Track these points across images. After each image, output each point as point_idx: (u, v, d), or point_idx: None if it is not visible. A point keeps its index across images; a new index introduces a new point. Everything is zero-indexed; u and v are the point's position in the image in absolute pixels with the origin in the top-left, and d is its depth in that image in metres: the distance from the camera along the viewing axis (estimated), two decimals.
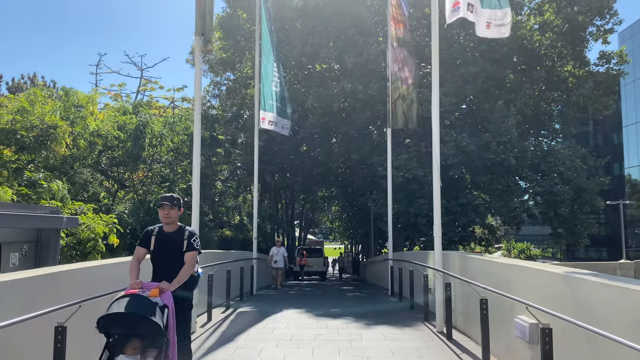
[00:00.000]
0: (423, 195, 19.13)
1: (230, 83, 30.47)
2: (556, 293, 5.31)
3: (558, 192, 20.44)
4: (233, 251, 15.56)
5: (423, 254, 12.57)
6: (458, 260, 9.35)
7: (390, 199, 15.86)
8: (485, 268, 7.81)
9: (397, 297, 14.46)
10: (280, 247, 18.09)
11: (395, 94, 15.70)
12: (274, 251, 17.88)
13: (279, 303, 13.24)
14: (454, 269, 9.36)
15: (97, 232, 14.13)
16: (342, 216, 44.96)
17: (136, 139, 19.36)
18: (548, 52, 23.63)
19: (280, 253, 17.78)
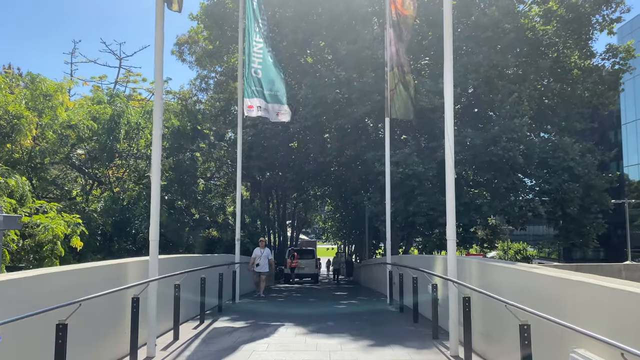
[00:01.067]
0: (423, 193, 17.37)
1: (217, 76, 28.58)
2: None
3: (567, 190, 18.75)
4: (212, 255, 13.68)
5: (428, 259, 10.79)
6: (477, 269, 7.57)
7: (388, 197, 14.07)
8: (519, 280, 6.02)
9: (396, 305, 12.68)
10: (264, 248, 15.29)
11: (394, 80, 13.92)
12: (256, 253, 15.16)
13: (262, 314, 11.40)
14: (472, 279, 7.58)
15: (57, 234, 12.25)
16: (336, 216, 43.14)
17: (110, 130, 17.45)
18: (553, 40, 21.95)
19: (264, 255, 15.07)
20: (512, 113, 18.16)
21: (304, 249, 32.49)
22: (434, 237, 18.47)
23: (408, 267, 10.65)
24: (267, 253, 15.25)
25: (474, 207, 18.30)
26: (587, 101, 24.13)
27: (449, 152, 7.76)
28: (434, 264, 9.96)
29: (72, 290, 5.50)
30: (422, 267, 10.37)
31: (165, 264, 8.87)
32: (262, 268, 15.17)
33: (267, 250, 15.31)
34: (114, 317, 6.79)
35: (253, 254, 15.25)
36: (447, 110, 7.95)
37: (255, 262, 15.11)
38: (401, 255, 16.48)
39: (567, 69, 23.01)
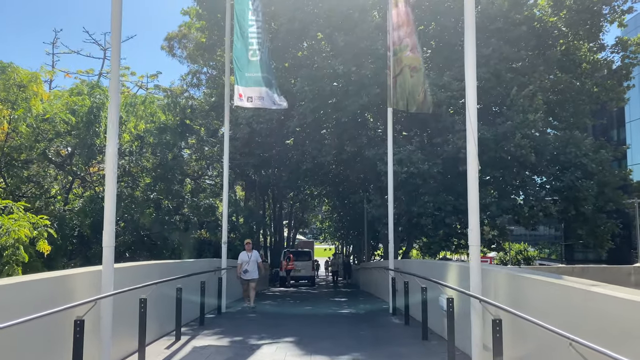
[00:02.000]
0: (427, 192, 15.89)
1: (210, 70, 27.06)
2: None
3: (581, 188, 17.28)
4: (194, 260, 12.11)
5: (440, 266, 9.29)
6: (506, 282, 6.09)
7: (390, 196, 12.59)
8: (575, 302, 4.55)
9: (400, 317, 11.20)
10: (251, 251, 13.07)
11: (398, 66, 12.45)
12: (243, 258, 12.95)
13: (251, 329, 9.89)
14: (498, 294, 6.12)
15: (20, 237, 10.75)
16: (333, 216, 41.62)
17: (89, 123, 15.91)
18: (563, 31, 20.51)
19: (252, 259, 12.87)
20: (525, 108, 16.67)
21: (299, 251, 30.95)
22: (439, 238, 16.97)
23: (416, 276, 9.15)
24: (256, 257, 13.06)
25: (481, 207, 16.78)
26: (595, 97, 22.77)
27: (472, 140, 6.31)
28: (447, 273, 8.48)
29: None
30: (432, 275, 8.89)
31: (129, 275, 7.38)
32: (252, 274, 12.91)
33: (255, 253, 13.12)
34: (52, 348, 5.27)
35: (239, 259, 13.07)
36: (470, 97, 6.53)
37: (243, 269, 12.89)
38: (405, 259, 14.99)
39: (577, 62, 21.59)
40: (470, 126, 6.22)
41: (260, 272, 13.26)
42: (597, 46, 21.95)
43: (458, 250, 18.95)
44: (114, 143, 6.29)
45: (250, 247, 13.14)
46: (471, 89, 6.46)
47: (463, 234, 17.31)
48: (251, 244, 13.43)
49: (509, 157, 16.48)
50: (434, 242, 16.88)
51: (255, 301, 13.46)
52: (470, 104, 6.42)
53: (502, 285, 6.20)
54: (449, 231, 16.42)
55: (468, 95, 6.50)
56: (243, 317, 11.62)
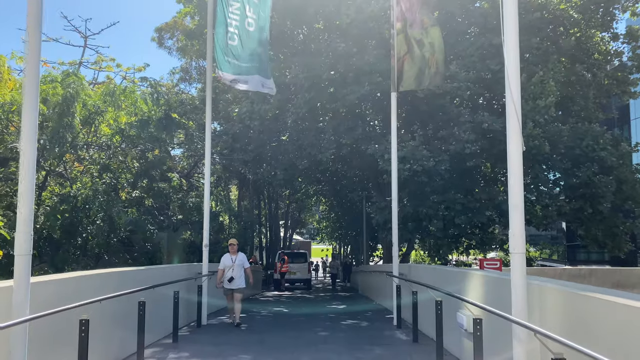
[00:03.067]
0: (435, 190, 14.26)
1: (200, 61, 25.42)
2: None
3: (599, 184, 15.70)
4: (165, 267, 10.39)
5: (457, 274, 7.65)
6: (559, 302, 4.45)
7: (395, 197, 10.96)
8: None
9: (407, 331, 9.62)
10: (236, 253, 10.44)
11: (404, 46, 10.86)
12: (225, 262, 10.36)
13: (232, 347, 8.24)
14: (548, 319, 4.49)
15: None
16: (331, 215, 39.95)
17: (61, 115, 14.25)
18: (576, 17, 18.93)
19: (237, 264, 10.24)
20: (535, 94, 15.10)
21: (295, 252, 29.25)
22: (449, 240, 15.35)
23: (430, 287, 7.50)
24: (242, 260, 10.40)
25: (492, 205, 15.20)
26: (605, 90, 21.24)
27: (514, 113, 4.67)
28: (468, 284, 6.86)
29: None
30: (448, 286, 7.27)
31: (65, 289, 5.73)
32: (237, 283, 10.20)
33: (241, 256, 10.47)
34: None
35: (221, 264, 10.46)
36: (512, 63, 4.92)
37: (227, 275, 10.22)
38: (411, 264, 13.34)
39: (589, 52, 20.02)
40: (511, 96, 4.60)
41: (248, 281, 10.60)
42: (610, 35, 20.46)
43: (468, 252, 17.31)
44: (33, 130, 4.67)
45: (235, 249, 10.41)
46: (512, 52, 4.85)
47: (473, 233, 15.70)
48: (236, 244, 10.54)
49: None
50: (443, 244, 15.25)
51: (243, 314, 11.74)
52: (511, 73, 4.80)
53: (551, 305, 4.58)
54: (458, 232, 14.82)
55: (508, 61, 4.89)
56: (225, 331, 9.97)
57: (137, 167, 15.46)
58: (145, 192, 15.56)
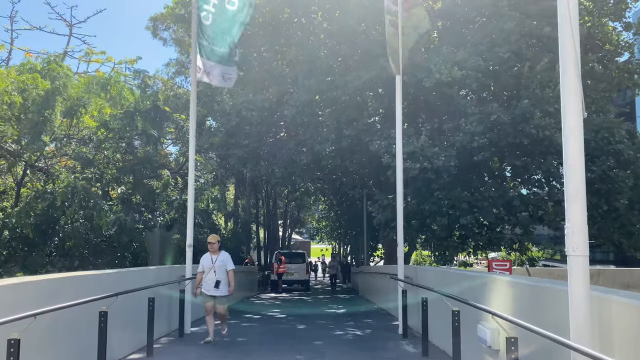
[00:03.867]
0: (441, 187, 13.07)
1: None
2: None
3: (615, 179, 14.52)
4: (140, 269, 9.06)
5: (474, 278, 6.45)
6: (637, 322, 3.27)
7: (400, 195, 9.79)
8: None
9: (414, 342, 8.46)
10: (217, 252, 8.39)
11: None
12: (205, 263, 8.34)
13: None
14: (623, 345, 3.32)
15: None
16: (330, 214, 38.74)
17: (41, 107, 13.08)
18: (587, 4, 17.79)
19: (218, 265, 8.25)
20: (543, 82, 13.94)
21: (293, 252, 28.02)
22: (455, 240, 14.17)
23: (445, 295, 6.30)
24: (224, 261, 8.33)
25: (502, 202, 14.01)
26: (615, 83, 20.08)
27: (572, 62, 3.52)
28: (490, 291, 5.69)
29: None
30: (466, 294, 6.09)
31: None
32: (219, 289, 8.18)
33: (223, 256, 8.39)
34: None
35: (200, 266, 8.47)
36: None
37: (206, 279, 8.24)
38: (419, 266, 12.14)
39: (602, 43, 18.86)
40: (571, 32, 3.43)
41: (230, 287, 8.35)
42: (623, 25, 19.32)
43: (476, 253, 16.11)
44: None
45: (215, 247, 8.33)
46: None
47: (480, 234, 14.51)
48: (217, 242, 8.41)
49: (529, 142, 13.67)
50: (449, 245, 14.05)
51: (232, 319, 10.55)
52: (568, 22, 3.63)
53: (620, 327, 3.41)
54: (464, 232, 13.62)
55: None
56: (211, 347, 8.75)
57: (121, 161, 14.27)
58: (132, 189, 14.38)
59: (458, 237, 14.12)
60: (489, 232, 14.55)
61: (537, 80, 13.88)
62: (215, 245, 8.41)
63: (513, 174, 15.89)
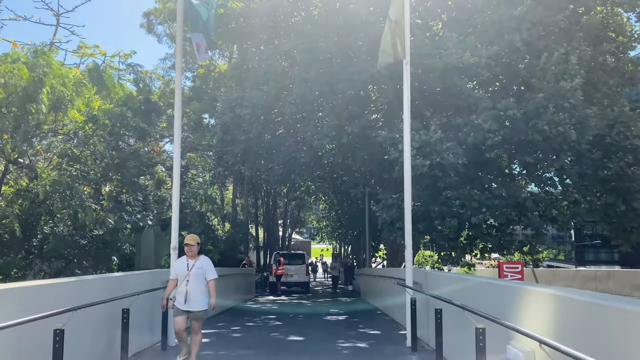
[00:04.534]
0: (449, 186, 12.07)
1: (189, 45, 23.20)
2: None
3: (633, 177, 13.56)
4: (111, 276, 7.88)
5: (504, 290, 5.42)
6: None
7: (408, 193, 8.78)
8: None
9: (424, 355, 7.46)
10: (196, 257, 6.73)
11: None
12: (179, 269, 6.72)
13: None
14: None
15: None
16: (330, 214, 37.73)
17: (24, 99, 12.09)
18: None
19: (194, 273, 6.57)
20: (558, 75, 12.96)
21: (292, 253, 26.99)
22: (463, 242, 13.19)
23: (467, 309, 5.31)
24: (203, 268, 6.64)
25: (513, 202, 13.00)
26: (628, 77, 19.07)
27: None
28: (526, 306, 4.68)
29: None
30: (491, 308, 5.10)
31: None
32: (194, 302, 6.51)
33: (202, 262, 6.71)
34: None
35: (172, 271, 7.02)
36: None
37: (178, 291, 6.60)
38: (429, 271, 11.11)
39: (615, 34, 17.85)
40: None
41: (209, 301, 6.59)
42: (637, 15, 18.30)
43: (483, 256, 15.11)
44: None
45: (194, 251, 6.64)
46: None
47: (489, 234, 13.50)
48: (196, 245, 6.70)
49: (542, 138, 12.67)
50: (456, 246, 13.06)
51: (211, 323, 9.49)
52: None
53: None
54: (473, 232, 12.64)
55: None
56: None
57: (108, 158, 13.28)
58: (119, 186, 13.40)
59: (466, 237, 13.14)
60: (498, 233, 13.55)
61: (551, 71, 12.89)
62: (193, 248, 6.65)
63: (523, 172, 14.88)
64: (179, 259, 6.94)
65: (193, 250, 6.66)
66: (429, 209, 11.91)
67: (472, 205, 11.76)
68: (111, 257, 12.25)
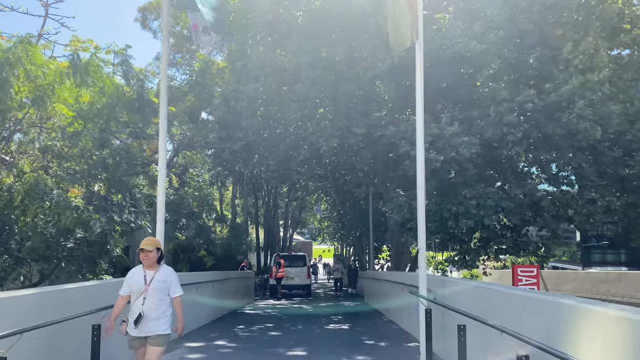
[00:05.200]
0: (464, 182, 11.08)
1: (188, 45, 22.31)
2: None
3: None
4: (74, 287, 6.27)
5: (556, 307, 4.40)
6: None
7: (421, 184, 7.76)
8: None
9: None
10: (155, 266, 4.89)
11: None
12: (132, 283, 4.86)
13: None
14: None
15: None
16: (332, 215, 36.74)
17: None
18: None
19: (155, 287, 4.78)
20: (585, 67, 11.97)
21: (293, 255, 25.98)
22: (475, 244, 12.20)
23: (508, 333, 4.30)
24: (165, 282, 4.87)
25: (529, 203, 11.99)
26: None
27: None
28: (581, 332, 3.69)
29: None
30: (536, 330, 4.11)
31: None
32: (150, 325, 4.74)
33: (165, 274, 4.91)
34: None
35: (124, 285, 4.96)
36: None
37: (131, 311, 4.83)
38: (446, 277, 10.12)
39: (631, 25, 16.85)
40: None
41: (175, 323, 4.98)
42: None
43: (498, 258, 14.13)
44: None
45: (152, 258, 4.87)
46: None
47: (504, 236, 12.50)
48: (154, 250, 4.89)
49: (566, 132, 11.67)
50: (469, 249, 12.07)
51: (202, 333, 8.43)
52: None
53: None
54: (487, 234, 11.66)
55: None
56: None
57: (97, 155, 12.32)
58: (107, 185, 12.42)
59: (479, 239, 12.16)
60: (514, 234, 12.55)
61: (579, 60, 11.87)
62: (151, 254, 4.81)
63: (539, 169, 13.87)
64: (134, 269, 5.08)
65: (151, 257, 4.82)
66: (442, 208, 10.91)
67: (488, 204, 10.76)
68: (97, 261, 11.26)
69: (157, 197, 7.51)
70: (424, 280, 7.57)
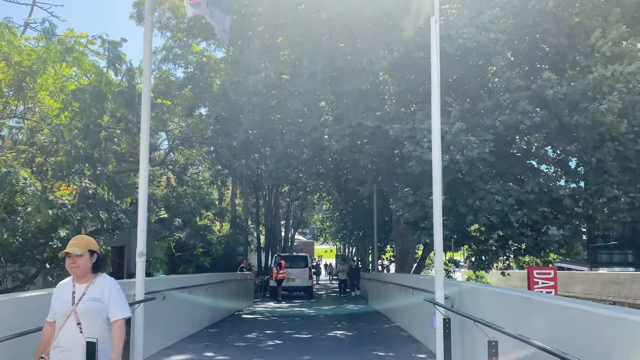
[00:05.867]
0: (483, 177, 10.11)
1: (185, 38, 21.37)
2: None
3: None
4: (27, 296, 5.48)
5: (619, 322, 3.43)
6: None
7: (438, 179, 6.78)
8: None
9: None
10: (86, 279, 3.35)
11: None
12: (56, 304, 3.35)
13: None
14: None
15: None
16: (334, 215, 35.75)
17: None
18: None
19: (85, 309, 3.27)
20: (614, 55, 11.00)
21: (294, 255, 24.99)
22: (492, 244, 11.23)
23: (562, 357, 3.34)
24: (101, 299, 3.32)
25: (549, 200, 11.01)
26: None
27: None
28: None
29: None
30: (592, 348, 3.13)
31: None
32: (75, 354, 3.20)
33: (102, 285, 3.36)
34: None
35: (50, 311, 3.41)
36: None
37: (57, 335, 3.29)
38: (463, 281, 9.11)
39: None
40: None
41: (114, 354, 3.24)
42: None
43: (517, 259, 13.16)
44: None
45: (81, 265, 3.29)
46: None
47: (523, 234, 11.51)
48: (86, 255, 3.31)
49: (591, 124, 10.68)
50: (487, 249, 11.10)
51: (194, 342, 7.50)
52: None
53: None
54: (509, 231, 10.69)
55: None
56: None
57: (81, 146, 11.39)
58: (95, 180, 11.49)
59: (497, 239, 11.19)
60: (534, 232, 11.56)
61: (607, 47, 10.87)
62: (80, 260, 3.31)
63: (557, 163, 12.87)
64: (61, 283, 3.52)
65: (80, 264, 3.30)
66: (457, 203, 9.93)
67: (509, 202, 9.79)
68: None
69: (139, 191, 6.55)
70: (441, 284, 6.59)
